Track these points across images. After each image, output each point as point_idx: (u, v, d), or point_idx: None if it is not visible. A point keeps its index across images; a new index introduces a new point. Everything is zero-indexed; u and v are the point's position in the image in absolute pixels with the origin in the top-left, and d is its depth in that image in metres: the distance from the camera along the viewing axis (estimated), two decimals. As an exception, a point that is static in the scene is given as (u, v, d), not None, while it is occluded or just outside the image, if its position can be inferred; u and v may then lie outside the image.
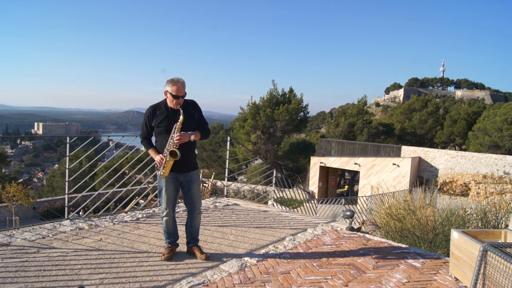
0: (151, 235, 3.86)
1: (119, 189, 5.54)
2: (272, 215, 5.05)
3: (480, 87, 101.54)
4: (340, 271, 3.06)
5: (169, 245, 3.29)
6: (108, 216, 4.51)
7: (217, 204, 5.44)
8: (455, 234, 2.95)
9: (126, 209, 6.90)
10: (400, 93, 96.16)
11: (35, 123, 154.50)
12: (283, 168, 26.54)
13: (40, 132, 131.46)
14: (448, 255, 3.43)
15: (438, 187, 18.53)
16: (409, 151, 20.84)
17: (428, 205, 4.63)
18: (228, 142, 6.61)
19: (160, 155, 3.05)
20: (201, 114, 3.26)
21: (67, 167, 4.42)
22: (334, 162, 21.44)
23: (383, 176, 19.22)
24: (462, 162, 19.13)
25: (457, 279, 2.92)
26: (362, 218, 9.68)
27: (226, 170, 6.38)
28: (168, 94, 3.05)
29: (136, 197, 11.03)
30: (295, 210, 9.74)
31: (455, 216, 4.50)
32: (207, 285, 2.75)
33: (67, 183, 4.44)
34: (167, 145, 3.02)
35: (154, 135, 3.21)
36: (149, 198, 6.20)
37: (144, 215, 4.61)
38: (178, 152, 2.96)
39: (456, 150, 27.67)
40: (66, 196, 4.48)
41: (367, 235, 4.24)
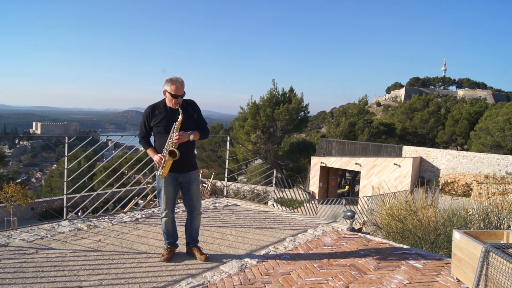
0: (150, 235, 3.84)
1: (118, 190, 5.52)
2: (272, 215, 5.04)
3: (482, 86, 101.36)
4: (341, 272, 3.05)
5: (168, 246, 3.27)
6: (107, 217, 4.49)
7: (216, 205, 5.42)
8: (457, 235, 2.94)
9: (125, 210, 6.90)
10: (401, 92, 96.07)
11: (33, 123, 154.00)
12: (283, 168, 26.52)
13: (38, 132, 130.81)
14: (449, 256, 3.42)
15: (440, 187, 18.48)
16: (410, 151, 20.80)
17: (429, 206, 4.60)
18: (228, 142, 6.60)
19: (159, 155, 3.04)
20: (200, 114, 3.25)
21: (66, 167, 4.41)
22: (334, 162, 21.41)
23: (384, 176, 19.19)
24: (464, 162, 19.08)
25: (459, 280, 2.90)
26: (363, 218, 9.65)
27: (226, 170, 6.36)
28: (167, 94, 3.05)
29: (135, 198, 11.02)
30: (295, 210, 9.71)
31: (457, 216, 4.48)
32: (207, 286, 2.74)
33: (65, 183, 4.43)
34: (166, 144, 3.01)
35: (153, 135, 3.20)
36: (148, 198, 6.18)
37: (143, 216, 4.59)
38: (177, 152, 2.94)
39: (458, 150, 27.63)
40: (65, 197, 4.47)
41: (368, 236, 4.22)
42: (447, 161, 19.59)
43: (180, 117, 3.00)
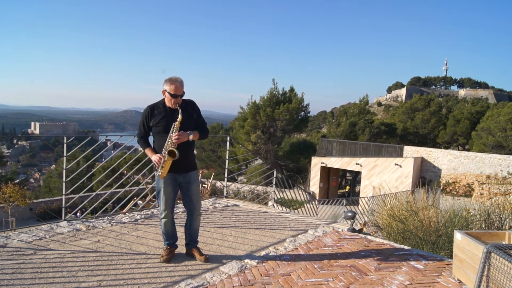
0: (150, 236, 3.83)
1: (117, 190, 5.51)
2: (272, 216, 5.02)
3: (484, 86, 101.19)
4: (342, 273, 3.04)
5: (167, 247, 3.26)
6: (106, 217, 4.48)
7: (216, 205, 5.41)
8: (458, 236, 2.94)
9: (124, 210, 6.87)
10: (402, 92, 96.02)
11: (32, 123, 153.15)
12: (284, 169, 26.49)
13: (37, 132, 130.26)
14: (451, 257, 3.41)
15: (441, 187, 18.44)
16: (411, 151, 20.77)
17: (431, 206, 4.59)
18: (228, 142, 6.59)
19: (158, 155, 3.02)
20: (199, 114, 3.24)
21: (64, 167, 4.40)
22: (335, 162, 21.38)
23: (385, 176, 19.15)
24: (466, 162, 19.03)
25: (460, 281, 2.89)
26: (364, 219, 9.63)
27: (226, 170, 6.35)
28: (167, 93, 3.04)
29: (135, 198, 11.00)
30: (295, 211, 9.69)
31: (458, 217, 4.46)
32: (206, 287, 2.72)
33: (64, 184, 4.43)
34: (166, 144, 3.00)
35: (152, 135, 3.19)
36: (147, 199, 6.18)
37: (143, 216, 4.58)
38: (176, 152, 2.93)
39: (459, 150, 27.57)
40: (63, 197, 4.46)
41: (368, 237, 4.21)
42: (448, 161, 19.55)
43: (179, 117, 2.99)
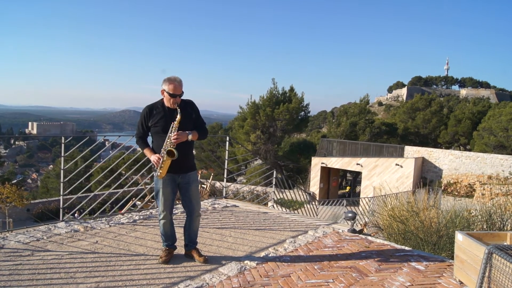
0: (148, 237, 3.81)
1: (115, 191, 5.50)
2: (272, 217, 5.01)
3: (485, 85, 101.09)
4: (342, 274, 3.02)
5: (166, 248, 3.25)
6: (104, 218, 4.46)
7: (215, 206, 5.40)
8: (459, 236, 2.93)
9: (122, 211, 6.87)
10: (403, 92, 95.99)
11: (29, 123, 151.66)
12: (284, 169, 26.47)
13: (34, 132, 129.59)
14: (452, 258, 3.40)
15: (442, 188, 18.40)
16: (412, 151, 20.73)
17: (432, 207, 4.57)
18: (227, 142, 6.58)
19: (157, 155, 3.01)
20: (198, 114, 3.23)
21: (62, 167, 4.39)
22: (335, 162, 21.34)
23: (385, 177, 19.12)
24: (467, 162, 18.98)
25: (461, 282, 2.88)
26: (364, 220, 9.62)
27: (225, 170, 6.33)
28: (165, 93, 3.03)
29: (133, 199, 10.99)
30: (295, 211, 9.66)
31: (460, 218, 4.44)
32: (205, 289, 2.71)
33: (62, 184, 4.41)
34: (164, 144, 2.98)
35: (150, 135, 3.18)
36: (146, 199, 6.15)
37: (141, 217, 4.56)
38: (175, 152, 2.92)
39: (460, 150, 27.53)
40: (61, 198, 4.44)
41: (369, 237, 4.20)
42: (449, 161, 19.50)
43: (178, 116, 2.98)
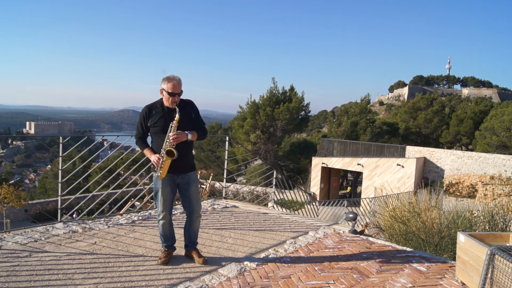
0: (147, 238, 3.80)
1: (114, 191, 5.49)
2: (272, 217, 4.99)
3: (488, 85, 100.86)
4: (343, 276, 3.00)
5: (165, 249, 3.23)
6: (103, 219, 4.44)
7: (215, 206, 5.38)
8: (461, 237, 2.91)
9: (121, 212, 6.85)
10: (405, 91, 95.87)
11: (27, 122, 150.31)
12: (284, 169, 26.45)
13: (32, 131, 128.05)
14: (454, 259, 3.38)
15: (444, 188, 18.34)
16: (414, 151, 20.67)
17: (433, 207, 4.55)
18: (227, 142, 6.56)
19: (157, 155, 2.99)
20: (198, 114, 3.21)
21: (60, 168, 4.37)
22: (336, 162, 21.30)
23: (387, 177, 19.07)
24: (469, 162, 18.91)
25: (463, 284, 2.86)
26: (365, 220, 9.59)
27: (225, 171, 6.32)
28: (164, 92, 3.02)
29: (132, 199, 10.93)
30: (296, 212, 9.64)
31: (462, 218, 4.42)
32: (204, 291, 2.69)
33: (60, 185, 4.40)
34: (164, 144, 2.97)
35: (150, 136, 3.17)
36: (145, 200, 6.13)
37: (140, 218, 4.55)
38: (175, 151, 2.90)
39: (462, 150, 27.45)
40: (59, 198, 4.43)
41: (370, 238, 4.18)
42: (451, 161, 19.44)
43: (177, 116, 2.96)
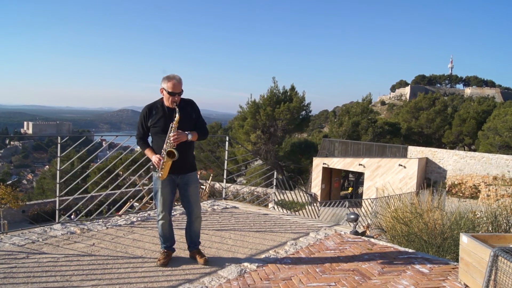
0: (146, 239, 3.78)
1: (112, 192, 5.47)
2: (272, 218, 4.97)
3: (490, 84, 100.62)
4: (344, 277, 2.98)
5: (165, 250, 3.21)
6: (101, 220, 4.43)
7: (215, 207, 5.37)
8: (464, 239, 2.88)
9: (120, 212, 6.84)
10: (407, 91, 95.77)
11: (25, 122, 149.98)
12: (284, 170, 26.42)
13: (29, 131, 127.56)
14: (457, 261, 3.37)
15: (447, 189, 18.27)
16: (416, 152, 20.60)
17: (436, 208, 4.53)
18: (227, 142, 6.55)
19: (158, 156, 2.97)
20: (199, 114, 3.19)
21: (58, 168, 4.36)
22: (337, 163, 21.25)
23: (388, 177, 19.01)
24: (472, 163, 18.83)
25: (466, 286, 2.83)
26: (367, 221, 9.53)
27: (225, 171, 6.30)
28: (164, 92, 3.00)
29: (131, 200, 10.91)
30: (296, 213, 9.62)
31: (464, 219, 4.39)
32: (204, 293, 2.67)
33: (58, 185, 4.38)
34: (164, 145, 2.95)
35: (150, 136, 3.15)
36: (144, 200, 6.11)
37: (139, 219, 4.53)
38: (175, 152, 2.88)
39: (465, 150, 27.35)
40: (57, 199, 4.41)
41: (372, 240, 4.16)
42: (454, 162, 19.35)
43: (177, 116, 2.94)
